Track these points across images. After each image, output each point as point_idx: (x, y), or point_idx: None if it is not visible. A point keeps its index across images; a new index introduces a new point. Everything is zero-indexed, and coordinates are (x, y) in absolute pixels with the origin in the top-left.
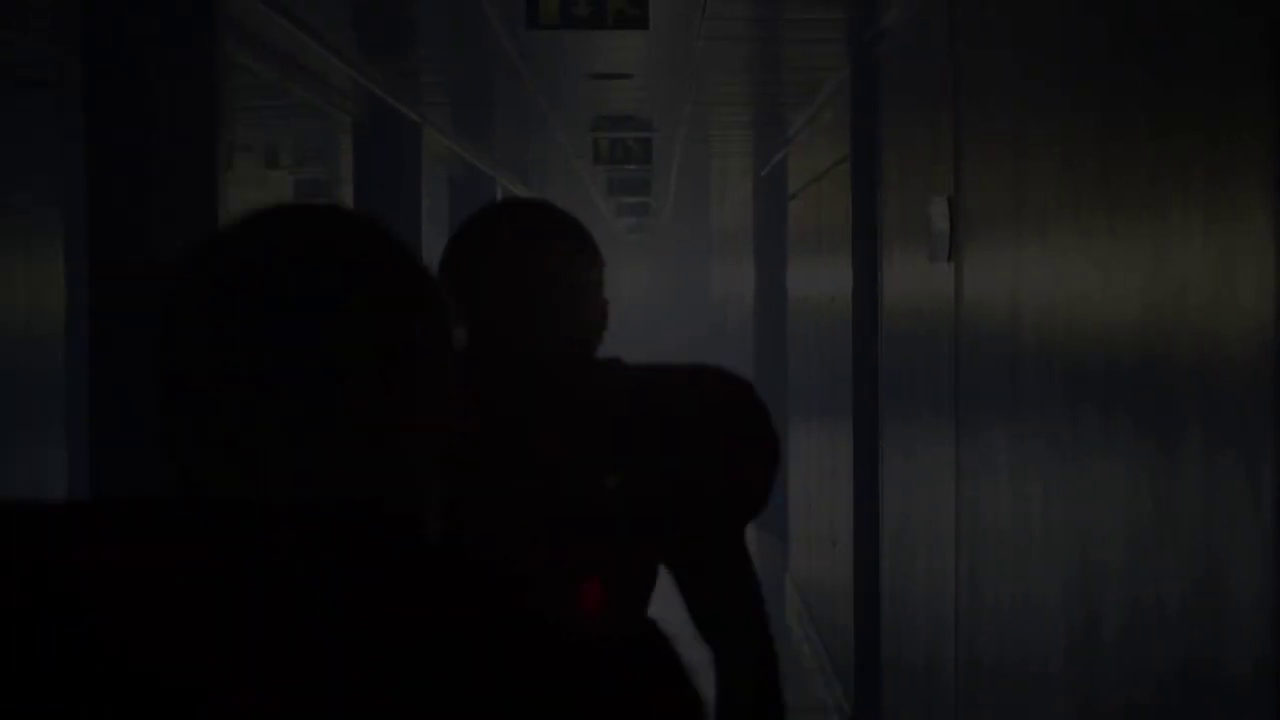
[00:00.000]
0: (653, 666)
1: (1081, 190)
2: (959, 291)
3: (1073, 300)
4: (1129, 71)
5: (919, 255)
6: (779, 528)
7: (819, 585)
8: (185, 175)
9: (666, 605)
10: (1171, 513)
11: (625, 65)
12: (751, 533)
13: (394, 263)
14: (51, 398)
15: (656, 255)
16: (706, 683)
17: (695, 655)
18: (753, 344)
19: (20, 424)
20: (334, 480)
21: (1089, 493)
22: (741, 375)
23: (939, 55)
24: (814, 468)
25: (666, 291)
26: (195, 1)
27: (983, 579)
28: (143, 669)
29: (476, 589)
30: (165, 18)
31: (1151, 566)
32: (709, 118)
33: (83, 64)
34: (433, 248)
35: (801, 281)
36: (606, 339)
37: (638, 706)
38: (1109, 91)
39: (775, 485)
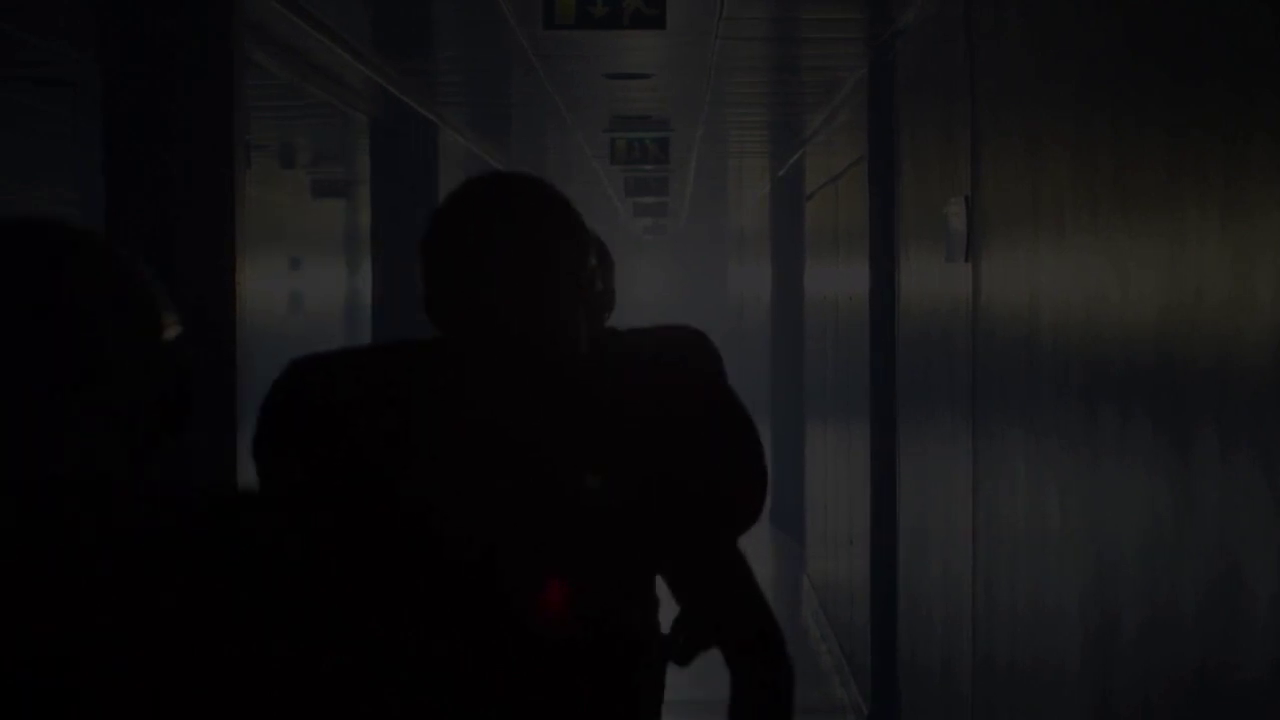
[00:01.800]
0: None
1: (1098, 190)
2: (976, 291)
3: (1089, 300)
4: (1145, 71)
5: (936, 255)
6: (796, 528)
7: (836, 585)
8: (203, 175)
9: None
10: (1188, 513)
11: (642, 65)
12: (768, 533)
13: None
14: None
15: (673, 256)
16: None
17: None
18: (770, 344)
19: None
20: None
21: (1105, 493)
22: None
23: (956, 55)
24: (831, 468)
25: (683, 292)
26: (213, 2)
27: (999, 579)
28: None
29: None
30: (183, 18)
31: (1168, 567)
32: (726, 118)
33: (100, 64)
34: None
35: (818, 281)
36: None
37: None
38: (1125, 91)
39: (764, 497)
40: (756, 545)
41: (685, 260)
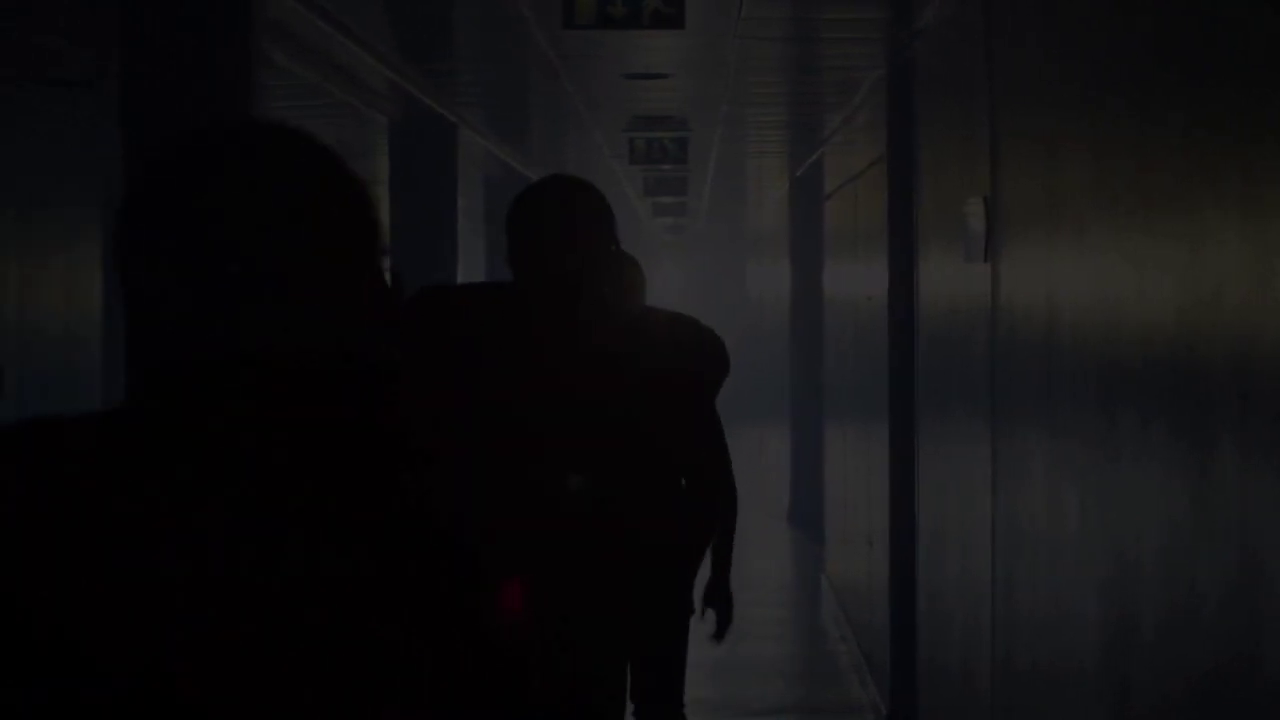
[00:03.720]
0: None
1: (1117, 190)
2: (995, 292)
3: (1108, 300)
4: (1164, 72)
5: (955, 255)
6: (815, 528)
7: (855, 586)
8: None
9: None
10: (1207, 514)
11: (661, 65)
12: (787, 533)
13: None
14: (88, 400)
15: (692, 255)
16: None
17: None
18: (789, 344)
19: None
20: None
21: (1125, 494)
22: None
23: (975, 55)
24: (850, 468)
25: (702, 291)
26: (232, 2)
27: (1018, 579)
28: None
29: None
30: (202, 18)
31: (1187, 568)
32: (745, 118)
33: (119, 64)
34: (468, 247)
35: (837, 281)
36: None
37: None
38: (1144, 91)
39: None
40: (776, 545)
41: (704, 260)
